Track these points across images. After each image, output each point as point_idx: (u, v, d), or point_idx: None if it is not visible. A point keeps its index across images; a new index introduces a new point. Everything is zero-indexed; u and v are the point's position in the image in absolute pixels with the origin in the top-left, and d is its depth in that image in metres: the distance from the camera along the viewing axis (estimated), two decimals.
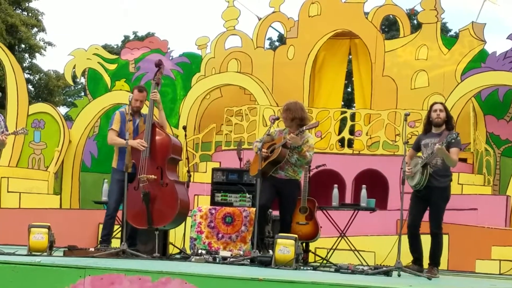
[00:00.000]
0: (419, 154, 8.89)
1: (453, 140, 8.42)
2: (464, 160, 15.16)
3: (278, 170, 9.11)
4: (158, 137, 9.19)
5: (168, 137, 9.26)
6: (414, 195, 8.86)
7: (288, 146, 9.03)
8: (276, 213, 9.73)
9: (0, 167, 14.88)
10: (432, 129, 8.86)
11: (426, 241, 8.82)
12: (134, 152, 8.98)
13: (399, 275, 7.96)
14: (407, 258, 8.74)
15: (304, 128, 8.95)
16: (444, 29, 31.17)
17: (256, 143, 9.23)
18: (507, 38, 16.14)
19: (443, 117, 8.78)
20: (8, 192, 14.29)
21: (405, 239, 8.61)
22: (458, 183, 13.68)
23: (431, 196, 8.68)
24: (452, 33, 32.42)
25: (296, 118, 9.09)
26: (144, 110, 9.48)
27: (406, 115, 8.58)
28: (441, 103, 9.02)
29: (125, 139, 8.86)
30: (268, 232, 9.78)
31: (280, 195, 9.20)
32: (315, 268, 8.69)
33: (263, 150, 8.97)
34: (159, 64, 9.57)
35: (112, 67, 18.83)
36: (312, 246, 10.63)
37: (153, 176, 8.98)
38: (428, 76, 16.79)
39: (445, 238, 9.18)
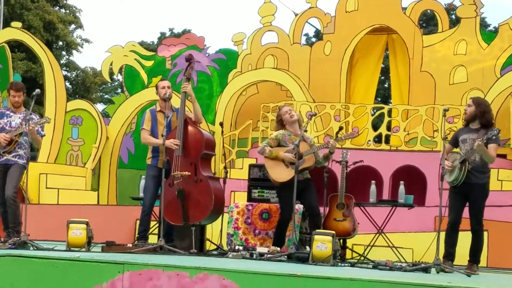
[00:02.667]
0: (456, 150, 8.82)
1: (493, 137, 8.40)
2: (503, 156, 14.94)
3: None
4: (191, 133, 9.18)
5: (200, 132, 9.23)
6: (451, 191, 8.77)
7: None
8: None
9: (38, 163, 15.02)
10: (469, 124, 8.79)
11: (463, 238, 8.74)
12: (168, 149, 9.00)
13: (437, 272, 7.90)
14: None
15: (343, 136, 9.45)
16: (483, 24, 30.82)
17: (265, 147, 9.31)
18: None
19: (470, 112, 8.71)
20: (46, 188, 14.43)
21: (443, 235, 8.53)
22: (498, 179, 13.49)
23: (470, 193, 8.62)
24: (491, 27, 32.05)
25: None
26: (177, 104, 9.48)
27: (445, 110, 8.51)
28: (472, 98, 8.93)
29: (162, 135, 8.88)
30: (305, 229, 9.75)
31: (301, 191, 9.12)
32: (352, 265, 8.67)
33: (292, 155, 8.98)
34: (189, 59, 9.56)
35: (149, 63, 18.91)
36: (349, 242, 10.58)
37: (186, 173, 8.98)
38: (467, 71, 16.60)
39: (484, 235, 9.08)
